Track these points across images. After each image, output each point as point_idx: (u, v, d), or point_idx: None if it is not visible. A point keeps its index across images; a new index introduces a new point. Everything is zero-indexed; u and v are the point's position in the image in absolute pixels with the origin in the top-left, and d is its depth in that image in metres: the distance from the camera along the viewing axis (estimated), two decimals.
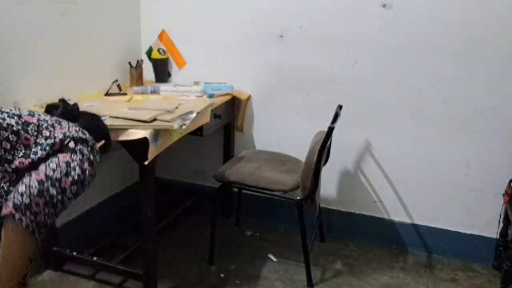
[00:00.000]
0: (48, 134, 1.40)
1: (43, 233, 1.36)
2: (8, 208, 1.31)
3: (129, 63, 2.65)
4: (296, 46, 2.53)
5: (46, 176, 1.33)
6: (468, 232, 2.47)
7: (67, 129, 1.44)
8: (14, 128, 1.36)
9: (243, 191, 2.63)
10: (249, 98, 2.69)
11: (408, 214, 2.56)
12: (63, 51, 2.23)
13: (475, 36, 2.22)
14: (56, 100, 1.70)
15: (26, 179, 1.33)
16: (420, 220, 2.55)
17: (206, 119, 2.20)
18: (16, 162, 1.34)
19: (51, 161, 1.36)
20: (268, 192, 2.21)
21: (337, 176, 2.64)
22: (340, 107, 2.32)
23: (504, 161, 2.31)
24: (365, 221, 2.64)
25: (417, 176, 2.48)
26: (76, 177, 1.37)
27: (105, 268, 2.17)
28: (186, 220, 2.80)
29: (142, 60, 2.74)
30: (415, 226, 2.56)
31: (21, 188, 1.32)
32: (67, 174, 1.35)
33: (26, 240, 1.33)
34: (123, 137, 1.81)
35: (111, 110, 1.97)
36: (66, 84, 2.22)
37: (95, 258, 2.17)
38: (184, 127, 1.94)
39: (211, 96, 2.51)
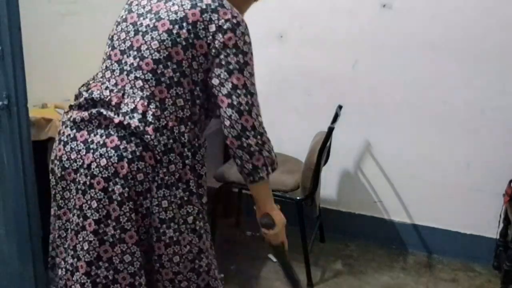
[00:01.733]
0: None
1: None
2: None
3: None
4: (296, 46, 2.53)
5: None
6: (468, 232, 2.47)
7: None
8: None
9: (243, 191, 2.63)
10: None
11: (408, 214, 2.56)
12: (63, 51, 2.23)
13: (475, 36, 2.22)
14: (55, 101, 1.69)
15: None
16: (420, 220, 2.55)
17: None
18: None
19: None
20: None
21: (337, 176, 2.64)
22: (340, 107, 2.32)
23: (504, 161, 2.31)
24: (365, 221, 2.64)
25: (417, 176, 2.48)
26: None
27: None
28: None
29: None
30: (415, 226, 2.56)
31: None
32: None
33: None
34: None
35: None
36: (66, 85, 2.22)
37: None
38: None
39: None
